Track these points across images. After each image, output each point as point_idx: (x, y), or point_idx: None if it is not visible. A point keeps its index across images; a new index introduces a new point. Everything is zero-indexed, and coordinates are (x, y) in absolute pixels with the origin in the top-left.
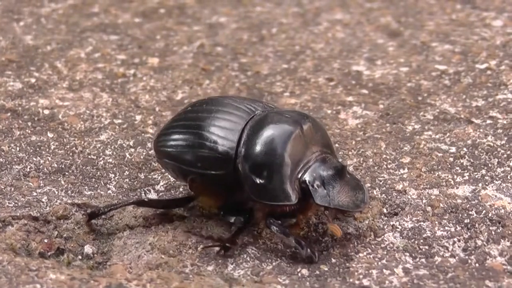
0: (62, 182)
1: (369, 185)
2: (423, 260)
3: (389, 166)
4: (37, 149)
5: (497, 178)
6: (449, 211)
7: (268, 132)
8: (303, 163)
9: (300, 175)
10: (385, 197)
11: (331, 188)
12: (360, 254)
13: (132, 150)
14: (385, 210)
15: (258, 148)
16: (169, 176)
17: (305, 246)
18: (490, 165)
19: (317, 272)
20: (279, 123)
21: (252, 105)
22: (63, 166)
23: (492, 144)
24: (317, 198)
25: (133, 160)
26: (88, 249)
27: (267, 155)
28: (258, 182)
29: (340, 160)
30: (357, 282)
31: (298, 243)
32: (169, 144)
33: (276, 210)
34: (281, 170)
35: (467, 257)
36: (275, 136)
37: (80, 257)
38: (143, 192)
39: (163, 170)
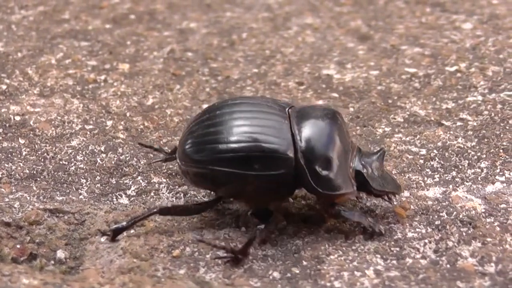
0: (34, 188)
1: None
2: (394, 261)
3: None
4: (9, 155)
5: (468, 180)
6: (420, 212)
7: (321, 126)
8: (349, 152)
9: (352, 163)
10: (355, 199)
11: (378, 173)
12: (331, 256)
13: (104, 155)
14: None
15: (318, 141)
16: (141, 181)
17: (377, 223)
18: (460, 166)
19: (289, 274)
20: (324, 117)
21: (278, 103)
22: (34, 172)
23: (462, 146)
24: (374, 184)
25: (104, 165)
26: (60, 254)
27: (328, 147)
28: (323, 174)
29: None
30: (328, 284)
31: (370, 221)
32: (214, 150)
33: (338, 200)
34: (341, 161)
35: (438, 258)
36: (328, 129)
37: (52, 262)
38: (114, 197)
39: (134, 175)
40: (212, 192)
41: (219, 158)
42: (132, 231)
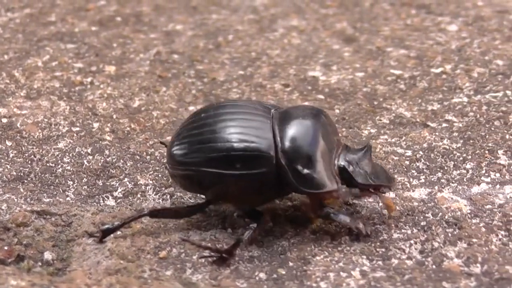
0: (21, 190)
1: None
2: (380, 262)
3: None
4: None
5: (453, 181)
6: (406, 213)
7: (302, 126)
8: (334, 150)
9: (336, 161)
10: (341, 200)
11: (365, 168)
12: (317, 257)
13: (90, 157)
14: None
15: (299, 141)
16: (127, 183)
17: (365, 224)
18: (446, 168)
19: (275, 275)
20: (306, 117)
21: (264, 105)
22: (22, 174)
23: (448, 147)
24: (358, 178)
25: (91, 167)
26: (48, 255)
27: (309, 146)
28: (304, 172)
29: None
30: (314, 285)
31: (357, 223)
32: (197, 151)
33: (322, 198)
34: (322, 158)
35: (424, 259)
36: (309, 129)
37: (40, 263)
38: (101, 199)
39: (121, 177)
40: (199, 195)
41: (202, 158)
42: (118, 232)
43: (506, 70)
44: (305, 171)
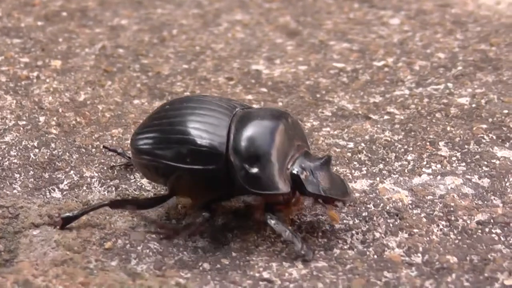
0: None
1: None
2: (322, 252)
3: None
4: None
5: (395, 172)
6: (347, 204)
7: (257, 126)
8: (290, 155)
9: (289, 165)
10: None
11: (320, 178)
12: (260, 248)
13: (37, 150)
14: None
15: (249, 140)
16: (73, 175)
17: (302, 243)
18: (387, 159)
19: (218, 265)
20: (265, 118)
21: (231, 103)
22: None
23: (389, 139)
24: (309, 187)
25: (37, 160)
26: None
27: (259, 146)
28: (251, 172)
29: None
30: (257, 274)
31: (294, 239)
32: (154, 141)
33: (270, 200)
34: (273, 160)
35: (365, 249)
36: (264, 129)
37: None
38: (47, 191)
39: (67, 169)
40: (144, 187)
41: (156, 149)
42: None
43: (447, 63)
44: (252, 170)
